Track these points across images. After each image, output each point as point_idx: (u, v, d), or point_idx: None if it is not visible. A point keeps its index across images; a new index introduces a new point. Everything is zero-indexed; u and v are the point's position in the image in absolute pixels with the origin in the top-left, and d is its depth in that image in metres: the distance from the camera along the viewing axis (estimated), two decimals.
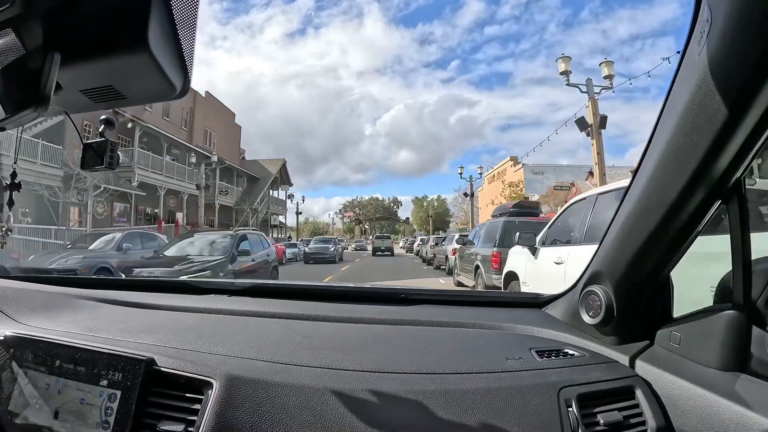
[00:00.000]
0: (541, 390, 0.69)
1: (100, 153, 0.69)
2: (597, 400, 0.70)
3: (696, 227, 0.68)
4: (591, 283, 0.85)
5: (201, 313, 1.07)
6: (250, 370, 0.72)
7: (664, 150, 0.63)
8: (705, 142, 0.56)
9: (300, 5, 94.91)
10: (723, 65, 0.50)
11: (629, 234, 0.75)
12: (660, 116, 0.64)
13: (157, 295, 1.24)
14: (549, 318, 1.00)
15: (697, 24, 0.54)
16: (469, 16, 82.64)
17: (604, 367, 0.77)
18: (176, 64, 0.45)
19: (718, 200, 0.64)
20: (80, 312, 1.05)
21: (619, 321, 0.80)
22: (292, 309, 1.07)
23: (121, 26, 0.41)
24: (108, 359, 0.74)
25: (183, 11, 0.44)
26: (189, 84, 0.47)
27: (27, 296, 1.10)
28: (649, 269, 0.75)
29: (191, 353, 0.78)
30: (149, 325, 0.94)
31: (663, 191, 0.66)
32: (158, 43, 0.41)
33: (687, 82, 0.56)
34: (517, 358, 0.79)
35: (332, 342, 0.86)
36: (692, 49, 0.55)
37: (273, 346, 0.82)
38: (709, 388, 0.62)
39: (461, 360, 0.78)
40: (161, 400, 0.70)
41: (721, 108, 0.52)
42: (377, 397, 0.67)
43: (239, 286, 1.30)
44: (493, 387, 0.70)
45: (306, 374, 0.71)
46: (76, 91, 0.48)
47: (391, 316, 1.03)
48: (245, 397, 0.67)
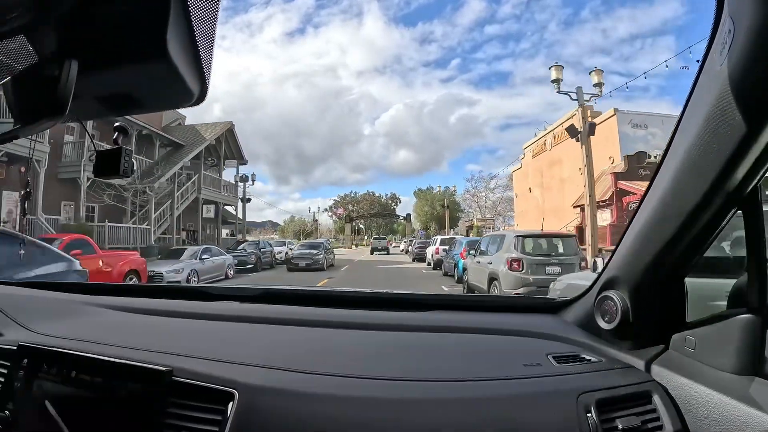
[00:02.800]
0: (560, 396, 0.70)
1: (114, 161, 0.68)
2: (615, 405, 0.70)
3: (712, 233, 0.68)
4: (606, 288, 0.85)
5: (214, 320, 1.06)
6: (272, 379, 0.71)
7: (684, 158, 0.63)
8: (725, 151, 0.56)
9: (300, 4, 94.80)
10: (746, 77, 0.50)
11: (646, 240, 0.75)
12: (678, 125, 0.65)
13: (166, 301, 1.23)
14: (564, 323, 1.01)
15: (718, 35, 0.54)
16: (470, 15, 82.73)
17: (621, 372, 0.78)
18: (194, 70, 0.43)
19: (734, 207, 0.64)
20: (91, 319, 1.06)
21: (635, 326, 0.80)
22: (306, 315, 1.06)
23: (140, 33, 0.41)
24: (126, 370, 0.73)
25: (202, 17, 0.42)
26: (207, 90, 0.46)
27: (37, 304, 1.11)
28: (665, 274, 0.76)
29: (210, 363, 0.76)
30: (164, 333, 0.95)
31: (682, 199, 0.66)
32: (177, 50, 0.40)
33: (708, 92, 0.57)
34: (536, 364, 0.79)
35: (351, 349, 0.86)
36: (713, 60, 0.56)
37: (292, 354, 0.82)
38: (725, 392, 0.63)
39: (481, 366, 0.79)
40: (181, 411, 0.69)
41: (741, 120, 0.52)
42: (401, 406, 0.67)
43: (251, 292, 1.30)
44: (514, 394, 0.70)
45: (329, 383, 0.71)
46: (91, 99, 0.47)
47: (409, 322, 1.03)
48: (269, 408, 0.66)
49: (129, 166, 0.69)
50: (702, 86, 0.59)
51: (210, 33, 0.44)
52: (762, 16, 0.46)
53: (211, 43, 0.44)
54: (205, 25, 0.43)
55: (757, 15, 0.47)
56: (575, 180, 16.68)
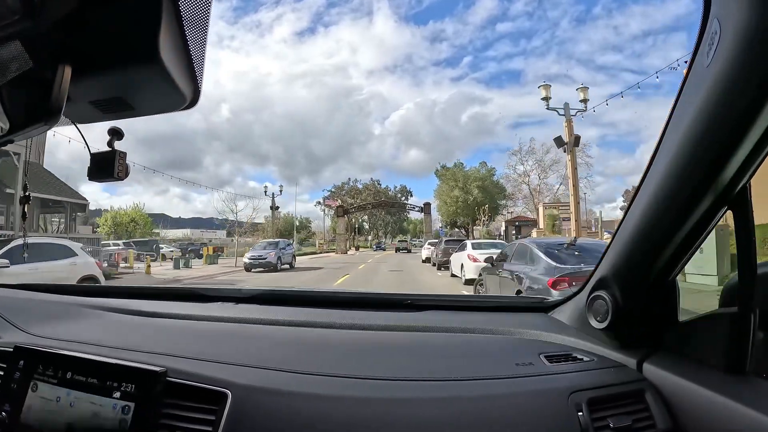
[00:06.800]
0: (551, 395, 0.70)
1: (108, 164, 0.68)
2: (606, 404, 0.70)
3: (702, 233, 0.69)
4: (598, 288, 0.86)
5: (210, 322, 1.07)
6: (265, 380, 0.72)
7: (672, 158, 0.63)
8: (713, 151, 0.57)
9: (310, 3, 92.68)
10: (732, 77, 0.51)
11: (636, 240, 0.76)
12: (667, 124, 0.65)
13: (162, 303, 1.23)
14: (556, 322, 1.01)
15: (705, 35, 0.55)
16: (482, 13, 79.59)
17: (613, 371, 0.78)
18: (187, 74, 0.44)
19: (724, 207, 0.64)
20: (87, 321, 1.05)
21: (626, 325, 0.81)
22: (301, 317, 1.07)
23: (132, 38, 0.41)
24: (121, 371, 0.73)
25: (194, 21, 0.43)
26: (199, 94, 0.47)
27: (34, 306, 1.12)
28: (655, 274, 0.76)
29: (204, 364, 0.77)
30: (159, 335, 0.95)
31: (671, 199, 0.66)
32: (169, 54, 0.41)
33: (695, 92, 0.57)
34: (527, 364, 0.80)
35: (344, 350, 0.86)
36: (700, 60, 0.56)
37: (285, 355, 0.82)
38: (716, 390, 0.63)
39: (473, 366, 0.79)
40: (176, 412, 0.69)
41: (729, 118, 0.53)
42: (394, 406, 0.68)
43: (246, 294, 1.29)
44: (506, 393, 0.70)
45: (321, 383, 0.72)
46: (84, 103, 0.47)
47: (401, 322, 1.03)
48: (261, 408, 0.67)
49: (123, 168, 0.68)
50: (690, 86, 0.59)
51: (202, 38, 0.44)
52: (747, 18, 0.47)
53: (203, 47, 0.45)
54: (197, 29, 0.43)
55: (742, 17, 0.47)
56: None
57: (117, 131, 0.69)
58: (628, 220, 0.77)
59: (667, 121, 0.64)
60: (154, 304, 1.19)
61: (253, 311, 1.12)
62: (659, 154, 0.67)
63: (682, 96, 0.61)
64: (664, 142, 0.65)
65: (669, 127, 0.64)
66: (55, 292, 1.30)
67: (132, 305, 1.16)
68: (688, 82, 0.59)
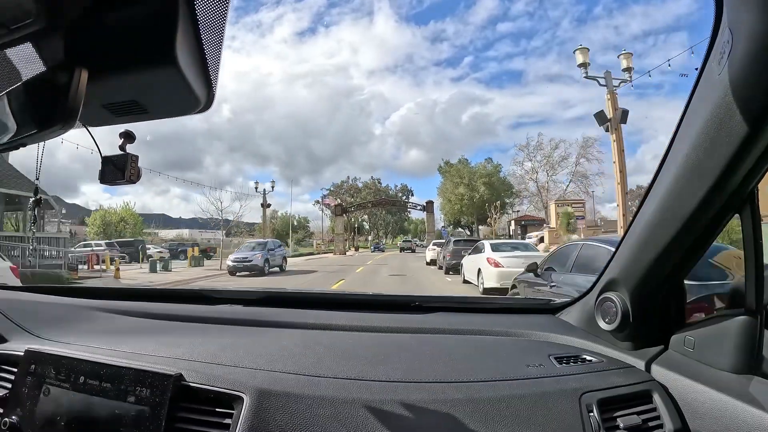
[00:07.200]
0: (562, 396, 0.71)
1: (120, 167, 0.67)
2: (616, 404, 0.71)
3: (711, 236, 0.69)
4: (607, 290, 0.86)
5: (219, 324, 1.06)
6: (279, 383, 0.72)
7: (683, 164, 0.64)
8: (724, 157, 0.58)
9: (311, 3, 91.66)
10: (743, 85, 0.51)
11: (646, 243, 0.76)
12: (677, 131, 0.66)
13: (171, 305, 1.23)
14: (564, 324, 1.02)
15: (716, 44, 0.55)
16: (483, 13, 78.95)
17: (622, 372, 0.78)
18: (202, 77, 0.44)
19: (732, 210, 0.65)
20: (97, 324, 1.05)
21: (635, 327, 0.81)
22: (310, 318, 1.07)
23: (148, 40, 0.41)
24: (135, 375, 0.72)
25: (210, 24, 0.43)
26: (213, 98, 0.46)
27: (43, 309, 1.11)
28: (664, 276, 0.77)
29: (218, 367, 0.77)
30: (170, 338, 0.94)
31: (681, 203, 0.67)
32: (185, 57, 0.41)
33: (706, 100, 0.58)
34: (538, 365, 0.80)
35: (355, 352, 0.86)
36: (711, 69, 0.56)
37: (298, 357, 0.82)
38: (724, 391, 0.64)
39: (483, 368, 0.79)
40: (191, 416, 0.69)
41: (741, 126, 0.54)
42: (406, 408, 0.68)
43: (253, 296, 1.30)
44: (517, 394, 0.71)
45: (334, 386, 0.72)
46: (98, 106, 0.47)
47: (410, 324, 1.03)
48: (276, 411, 0.67)
49: (135, 172, 0.66)
50: (701, 93, 0.60)
51: (218, 40, 0.44)
52: (760, 28, 0.47)
53: (219, 50, 0.44)
54: (213, 32, 0.43)
55: (755, 26, 0.48)
56: None
57: (129, 134, 0.66)
58: (637, 222, 0.78)
59: (677, 127, 0.65)
60: (163, 307, 1.19)
61: (262, 313, 1.13)
62: (668, 158, 0.67)
63: (692, 103, 0.62)
64: (674, 147, 0.66)
65: (679, 133, 0.65)
66: (63, 294, 1.29)
67: (141, 308, 1.16)
68: (698, 91, 0.60)
